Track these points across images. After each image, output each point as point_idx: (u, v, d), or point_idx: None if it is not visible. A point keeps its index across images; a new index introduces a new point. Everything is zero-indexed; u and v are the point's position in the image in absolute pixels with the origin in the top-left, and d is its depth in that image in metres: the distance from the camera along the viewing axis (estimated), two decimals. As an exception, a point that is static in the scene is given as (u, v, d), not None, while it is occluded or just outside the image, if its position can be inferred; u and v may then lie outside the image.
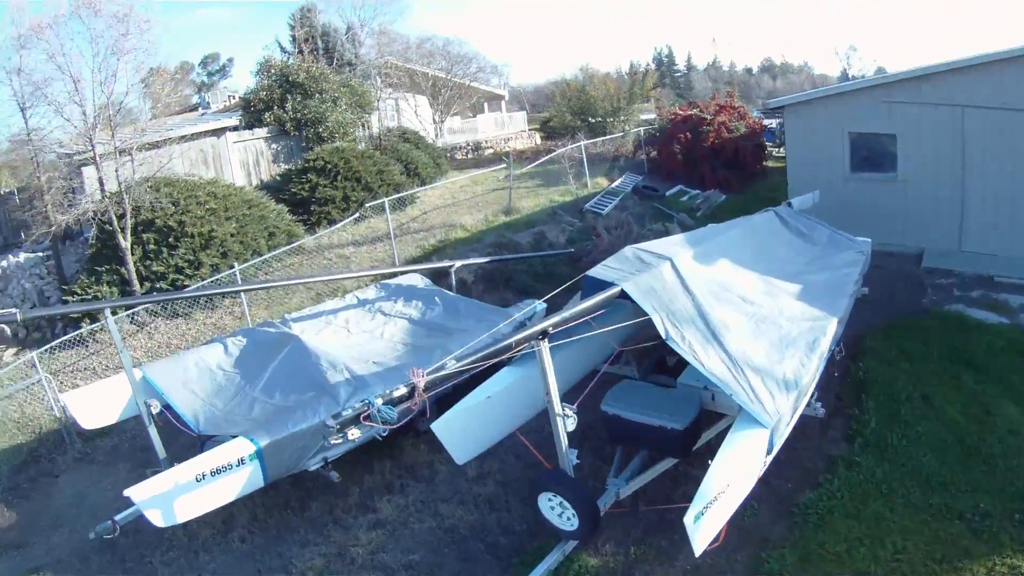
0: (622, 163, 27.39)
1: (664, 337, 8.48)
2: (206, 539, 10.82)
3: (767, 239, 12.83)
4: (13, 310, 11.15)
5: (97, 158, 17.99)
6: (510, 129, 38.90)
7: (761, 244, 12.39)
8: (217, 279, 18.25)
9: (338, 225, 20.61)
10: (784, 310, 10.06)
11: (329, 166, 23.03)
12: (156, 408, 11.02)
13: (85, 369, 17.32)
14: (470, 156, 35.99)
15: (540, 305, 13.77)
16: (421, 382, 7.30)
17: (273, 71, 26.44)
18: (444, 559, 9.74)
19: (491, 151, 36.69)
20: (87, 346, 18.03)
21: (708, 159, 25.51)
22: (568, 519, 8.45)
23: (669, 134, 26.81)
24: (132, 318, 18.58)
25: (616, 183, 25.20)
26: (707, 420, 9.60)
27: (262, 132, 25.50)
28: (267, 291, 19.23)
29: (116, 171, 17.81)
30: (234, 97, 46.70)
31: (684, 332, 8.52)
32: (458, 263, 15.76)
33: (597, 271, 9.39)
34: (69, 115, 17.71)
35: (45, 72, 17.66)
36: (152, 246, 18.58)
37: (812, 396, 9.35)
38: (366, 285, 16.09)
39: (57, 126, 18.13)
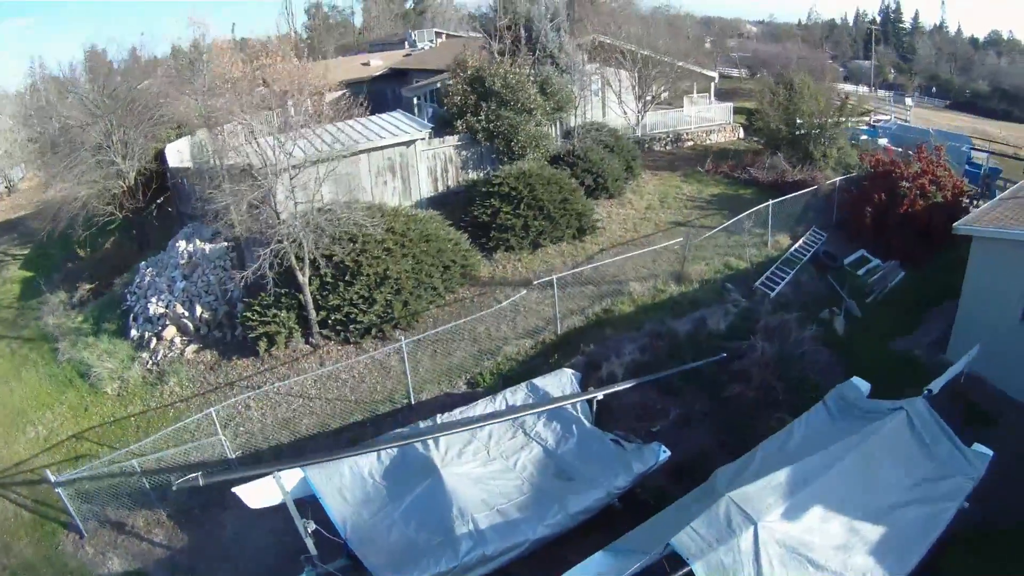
0: (811, 211, 25.59)
1: None
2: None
3: (880, 461, 12.88)
4: (196, 475, 13.49)
5: (274, 198, 19.07)
6: (713, 118, 37.13)
7: (869, 474, 12.56)
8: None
9: (509, 302, 21.03)
10: (847, 570, 11.02)
11: (513, 193, 23.24)
12: (311, 528, 12.74)
13: (257, 388, 19.34)
14: (668, 148, 34.96)
15: (663, 455, 14.70)
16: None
17: (469, 71, 26.50)
18: None
19: (691, 144, 35.51)
20: (262, 360, 20.21)
21: (898, 226, 24.13)
22: None
23: (863, 194, 25.19)
24: (307, 340, 20.44)
25: (798, 244, 23.78)
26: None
27: (452, 140, 25.90)
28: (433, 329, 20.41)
29: (295, 214, 18.96)
30: (442, 35, 47.71)
31: None
32: (600, 394, 16.06)
33: (681, 542, 10.62)
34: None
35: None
36: (329, 280, 19.84)
37: None
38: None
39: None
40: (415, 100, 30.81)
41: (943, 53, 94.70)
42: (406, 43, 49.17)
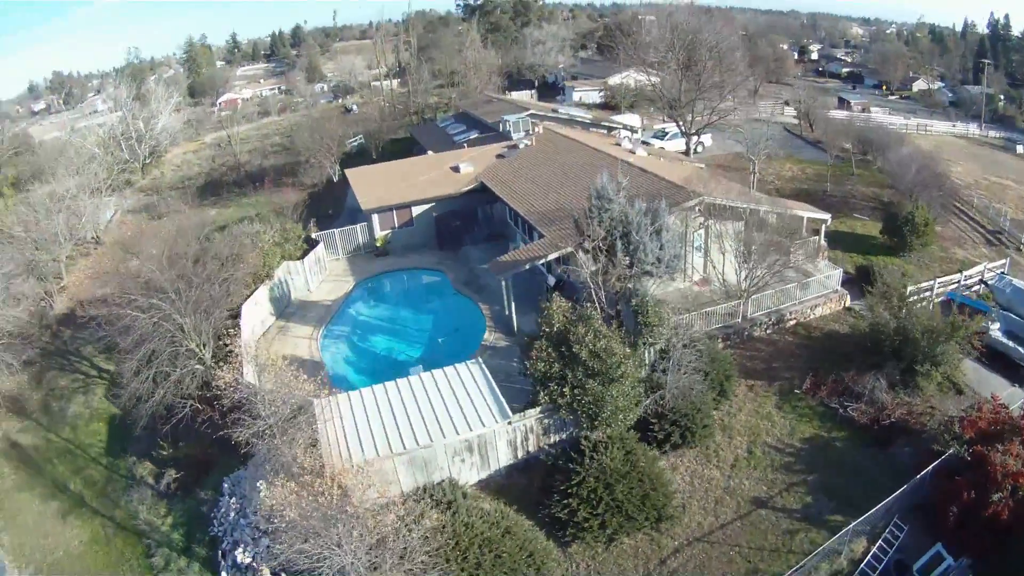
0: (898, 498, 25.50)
1: None
2: None
3: None
4: None
5: None
6: (818, 277, 37.08)
7: None
8: None
9: None
10: None
11: (592, 496, 24.68)
12: None
13: None
14: (769, 333, 35.46)
15: None
16: None
17: (555, 323, 27.37)
18: None
19: (793, 323, 35.87)
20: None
21: (980, 527, 24.01)
22: None
23: (951, 489, 24.85)
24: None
25: (873, 550, 24.22)
26: None
27: (534, 413, 27.16)
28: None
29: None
30: (539, 124, 47.12)
31: None
32: None
33: None
34: None
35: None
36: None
37: None
38: None
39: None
40: (503, 283, 31.48)
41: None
42: (500, 126, 48.45)
